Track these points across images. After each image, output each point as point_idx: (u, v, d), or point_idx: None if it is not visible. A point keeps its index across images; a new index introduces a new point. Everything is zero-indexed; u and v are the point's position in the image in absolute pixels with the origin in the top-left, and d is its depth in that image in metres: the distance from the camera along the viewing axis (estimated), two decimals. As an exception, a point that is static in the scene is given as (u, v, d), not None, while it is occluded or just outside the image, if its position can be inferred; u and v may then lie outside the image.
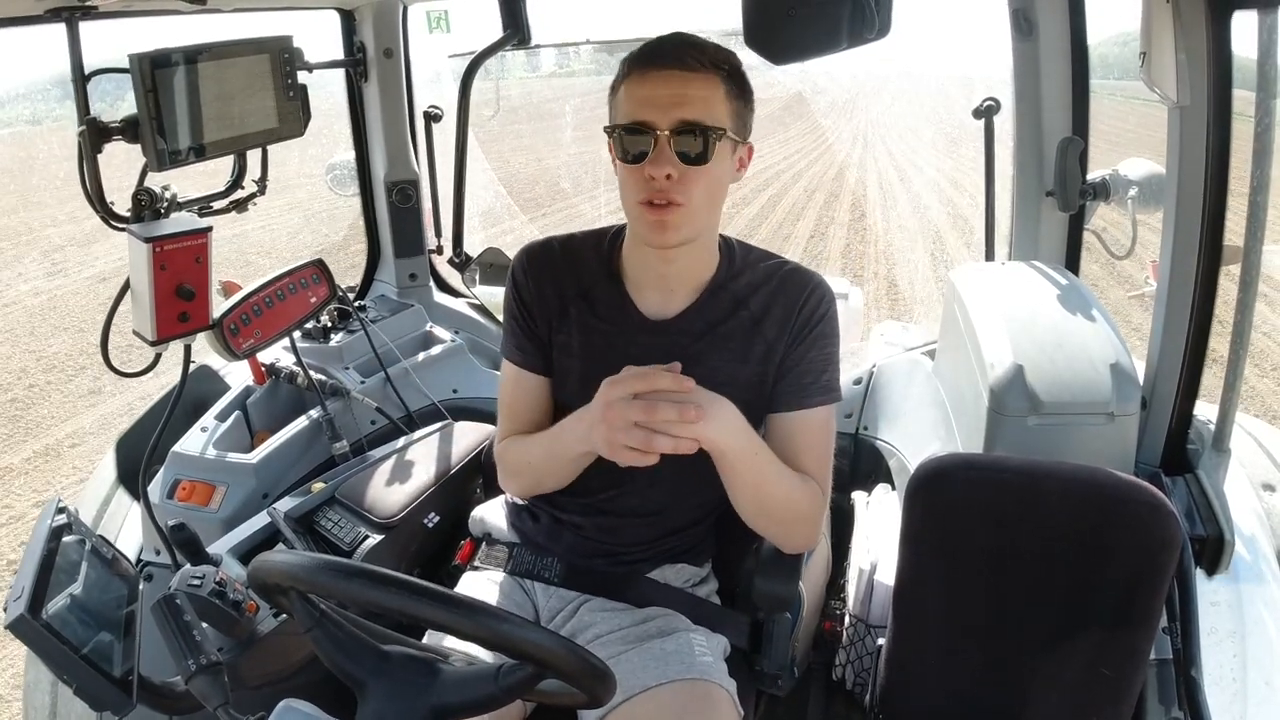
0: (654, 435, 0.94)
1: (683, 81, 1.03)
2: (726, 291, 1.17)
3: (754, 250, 1.22)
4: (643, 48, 1.06)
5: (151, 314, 1.19)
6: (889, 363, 1.99)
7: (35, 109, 14.85)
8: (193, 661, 0.95)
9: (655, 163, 1.02)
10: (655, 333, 1.17)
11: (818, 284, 1.17)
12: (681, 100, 1.02)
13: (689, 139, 1.02)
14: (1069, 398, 1.34)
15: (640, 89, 1.04)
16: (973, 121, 1.88)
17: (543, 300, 1.20)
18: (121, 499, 1.83)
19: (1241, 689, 1.23)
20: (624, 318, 1.18)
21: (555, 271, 1.20)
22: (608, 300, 1.19)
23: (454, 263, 2.28)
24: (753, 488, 1.09)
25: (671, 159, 1.02)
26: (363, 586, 0.79)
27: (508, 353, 1.24)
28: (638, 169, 1.04)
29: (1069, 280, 1.63)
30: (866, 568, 1.59)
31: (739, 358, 1.16)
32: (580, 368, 1.18)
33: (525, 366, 1.22)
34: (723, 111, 1.05)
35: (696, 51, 1.04)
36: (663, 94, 1.03)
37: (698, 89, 1.03)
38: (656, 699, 1.10)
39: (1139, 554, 1.16)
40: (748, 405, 1.17)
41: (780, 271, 1.18)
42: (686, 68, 1.03)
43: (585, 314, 1.19)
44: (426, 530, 1.51)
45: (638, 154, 1.04)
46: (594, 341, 1.18)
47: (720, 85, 1.05)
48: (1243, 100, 1.17)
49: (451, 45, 2.39)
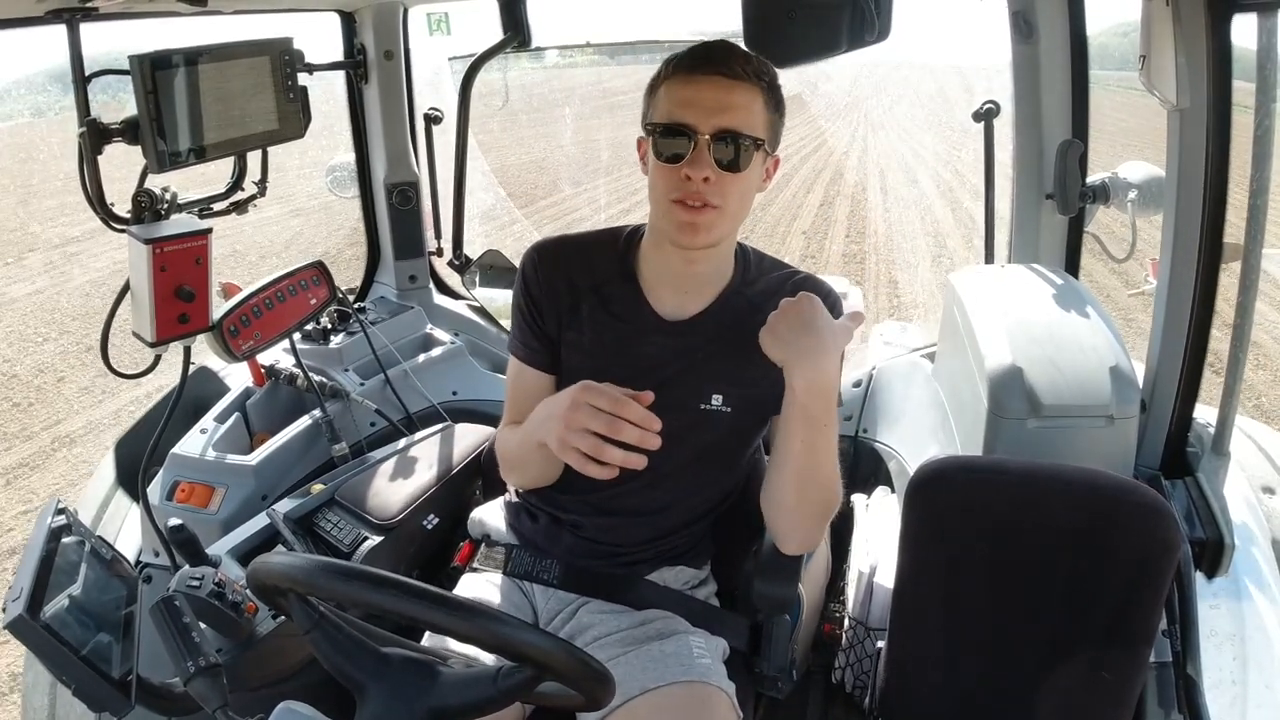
0: (605, 445, 0.94)
1: (727, 89, 1.04)
2: (741, 297, 1.19)
3: (767, 258, 1.24)
4: (689, 50, 1.07)
5: (151, 315, 1.19)
6: (889, 365, 1.99)
7: (38, 101, 14.77)
8: (191, 663, 0.94)
9: (694, 164, 1.04)
10: (669, 334, 1.18)
11: (829, 295, 1.18)
12: (725, 107, 1.04)
13: (727, 146, 1.04)
14: (1068, 400, 1.34)
15: (683, 91, 1.06)
16: (973, 124, 1.89)
17: (553, 296, 1.20)
18: (120, 500, 1.83)
19: (1241, 692, 1.22)
20: (639, 316, 1.19)
21: (568, 268, 1.20)
22: (622, 298, 1.19)
23: (454, 265, 2.28)
24: (806, 454, 1.07)
25: (710, 163, 1.04)
26: (362, 588, 0.80)
27: (514, 347, 1.25)
28: (674, 169, 1.05)
29: (1069, 283, 1.63)
30: (866, 570, 1.59)
31: (748, 359, 1.15)
32: (591, 365, 1.18)
33: (529, 362, 1.23)
34: (761, 122, 1.07)
35: (742, 60, 1.05)
36: (706, 98, 1.04)
37: (740, 97, 1.05)
38: (655, 701, 1.10)
39: (1139, 557, 1.16)
40: (753, 405, 1.19)
41: (793, 281, 1.20)
42: (732, 75, 1.05)
43: (598, 311, 1.19)
44: (426, 532, 1.51)
45: (676, 154, 1.05)
46: (606, 339, 1.19)
47: (760, 96, 1.07)
48: (1243, 91, 1.16)
49: (452, 48, 2.39)
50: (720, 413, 1.18)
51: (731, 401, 1.18)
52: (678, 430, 1.16)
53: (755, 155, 1.06)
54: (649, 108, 1.11)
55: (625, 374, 1.15)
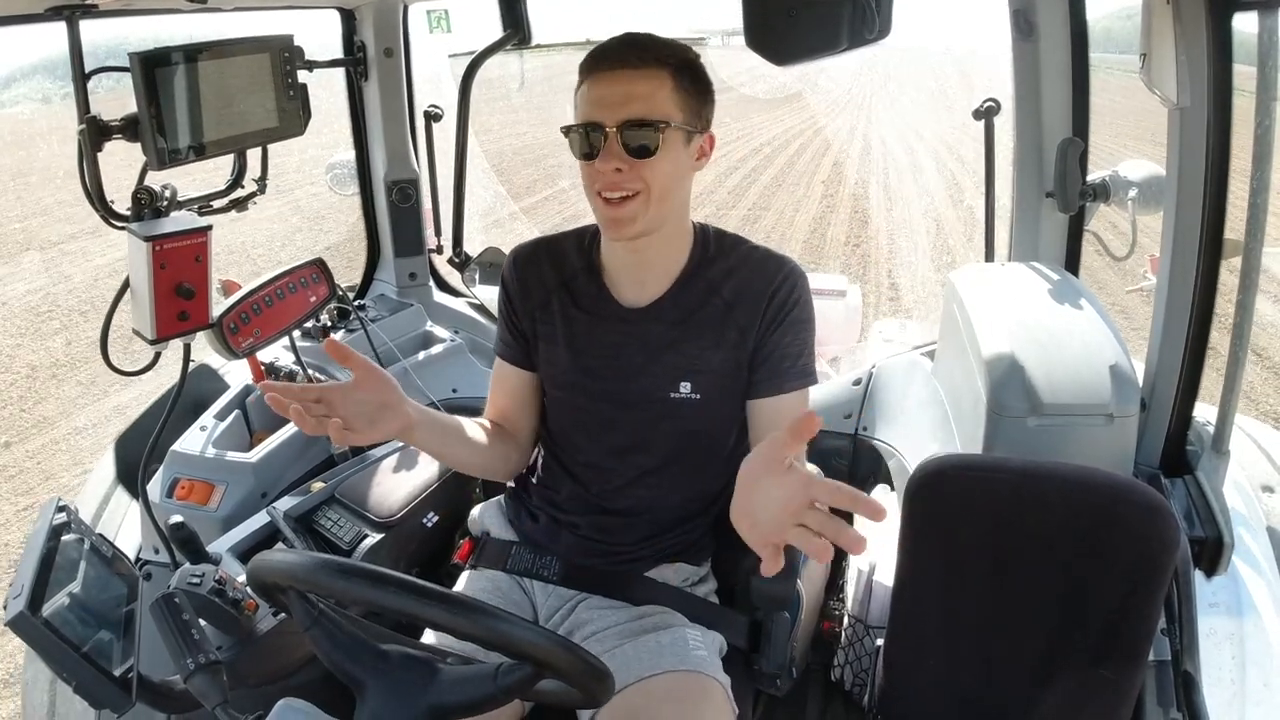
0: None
1: (628, 80, 1.08)
2: (700, 278, 1.21)
3: (727, 236, 1.25)
4: (592, 51, 1.11)
5: (151, 313, 1.19)
6: (888, 363, 1.99)
7: (45, 87, 14.69)
8: (191, 660, 0.95)
9: (604, 158, 1.08)
10: (631, 321, 1.22)
11: (789, 269, 1.20)
12: (628, 98, 1.08)
13: (636, 133, 1.07)
14: (1068, 399, 1.34)
15: (592, 90, 1.10)
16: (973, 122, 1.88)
17: (526, 295, 1.26)
18: (120, 498, 1.83)
19: (1240, 690, 1.23)
20: (602, 307, 1.23)
21: (539, 268, 1.26)
22: (586, 291, 1.24)
23: (454, 262, 2.28)
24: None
25: (619, 153, 1.08)
26: (361, 586, 0.80)
27: (496, 347, 1.33)
28: (590, 165, 1.10)
29: (1069, 281, 1.63)
30: (865, 568, 1.59)
31: (713, 344, 1.19)
32: (566, 356, 1.24)
33: (506, 359, 1.30)
34: (670, 105, 1.09)
35: (639, 50, 1.09)
36: (611, 93, 1.08)
37: (642, 86, 1.08)
38: (649, 689, 1.10)
39: (1138, 555, 1.16)
40: (724, 391, 1.21)
41: (752, 257, 1.21)
42: (631, 66, 1.08)
43: (567, 305, 1.24)
44: (425, 529, 1.52)
45: (590, 151, 1.09)
46: (576, 330, 1.23)
47: (668, 80, 1.09)
48: (1243, 75, 1.16)
49: (452, 45, 2.39)
50: (691, 400, 1.20)
51: (700, 388, 1.20)
52: (653, 422, 1.21)
53: (669, 137, 1.08)
54: (573, 112, 1.15)
55: (595, 363, 1.22)
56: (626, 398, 1.22)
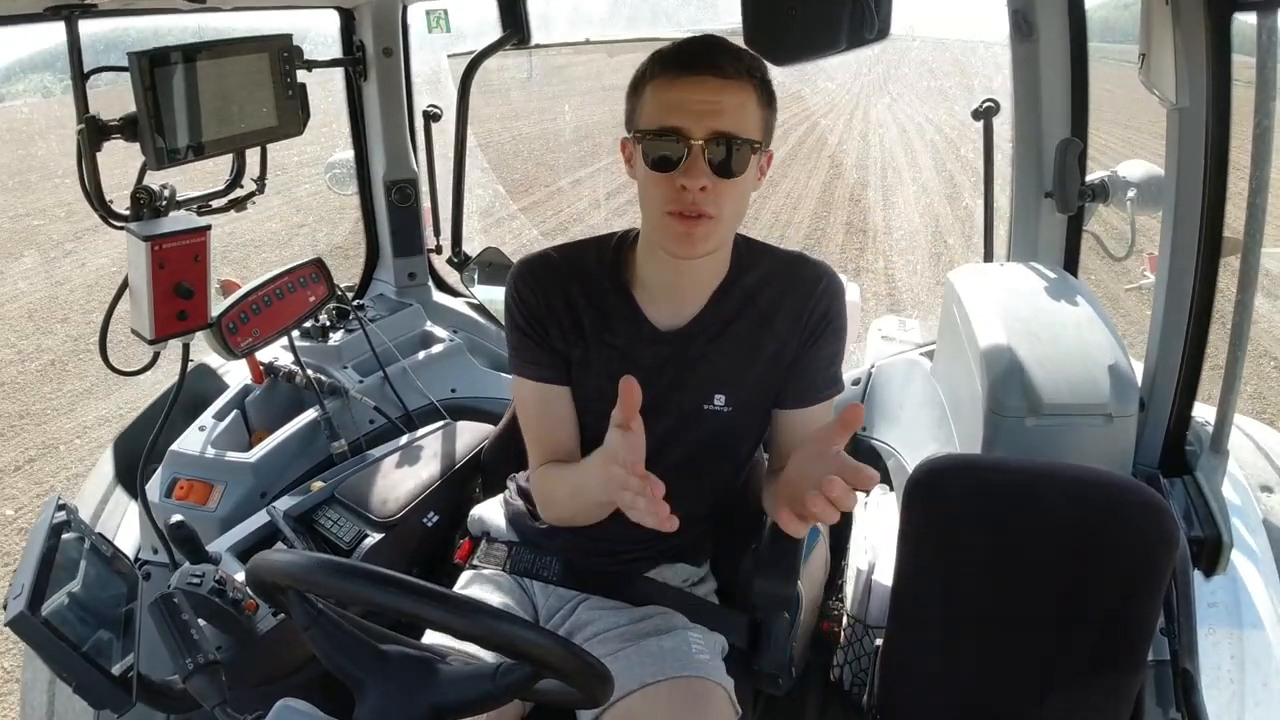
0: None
1: (718, 89, 0.97)
2: (736, 288, 1.15)
3: (757, 244, 1.19)
4: (674, 48, 1.00)
5: (150, 312, 1.19)
6: (887, 363, 1.99)
7: (46, 81, 14.61)
8: (190, 660, 0.95)
9: (689, 174, 0.97)
10: (667, 343, 1.14)
11: (828, 277, 1.14)
12: (717, 109, 0.97)
13: (721, 149, 0.97)
14: (1067, 399, 1.34)
15: (671, 93, 0.98)
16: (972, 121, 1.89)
17: (553, 314, 1.14)
18: (119, 497, 1.83)
19: (1239, 690, 1.23)
20: (636, 331, 1.14)
21: (562, 284, 1.14)
22: (619, 314, 1.14)
23: (453, 262, 2.28)
24: None
25: (705, 170, 0.97)
26: (361, 585, 0.80)
27: (523, 370, 1.16)
28: (667, 178, 0.99)
29: (1068, 281, 1.63)
30: (865, 568, 1.59)
31: (748, 355, 1.14)
32: (599, 383, 1.13)
33: (547, 380, 1.16)
34: (755, 122, 1.00)
35: (732, 58, 0.98)
36: (696, 100, 0.97)
37: (732, 97, 0.98)
38: (652, 696, 1.10)
39: (1137, 555, 1.16)
40: (755, 404, 1.17)
41: (787, 264, 1.15)
42: (723, 74, 0.97)
43: (599, 329, 1.14)
44: (425, 529, 1.51)
45: (667, 162, 0.98)
46: (611, 358, 1.14)
47: (753, 94, 1.00)
48: (1240, 65, 1.15)
49: (451, 45, 2.39)
50: (721, 412, 1.16)
51: (733, 401, 1.16)
52: (678, 431, 1.16)
53: (751, 157, 1.00)
54: (634, 110, 1.04)
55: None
56: (656, 411, 1.08)
